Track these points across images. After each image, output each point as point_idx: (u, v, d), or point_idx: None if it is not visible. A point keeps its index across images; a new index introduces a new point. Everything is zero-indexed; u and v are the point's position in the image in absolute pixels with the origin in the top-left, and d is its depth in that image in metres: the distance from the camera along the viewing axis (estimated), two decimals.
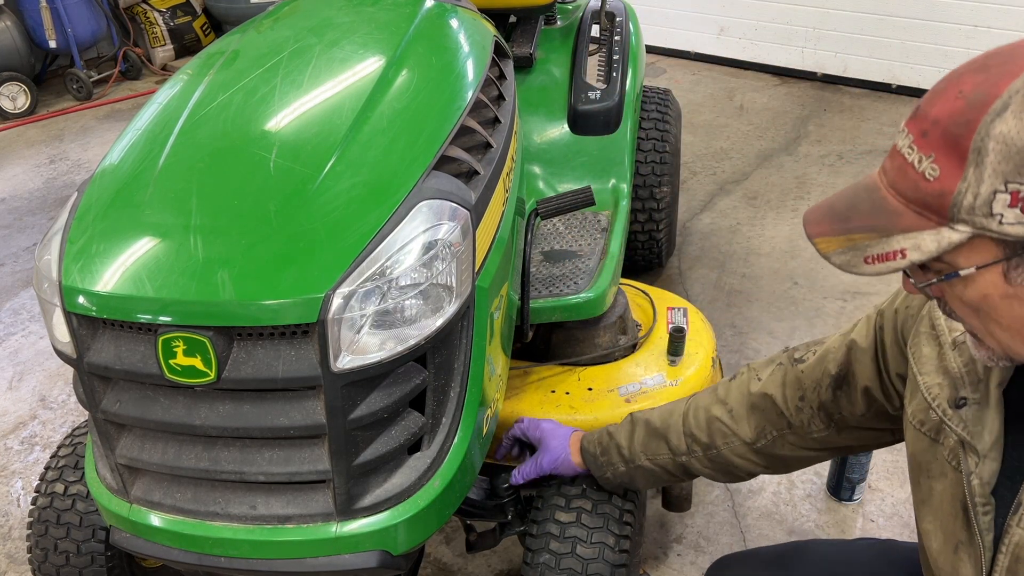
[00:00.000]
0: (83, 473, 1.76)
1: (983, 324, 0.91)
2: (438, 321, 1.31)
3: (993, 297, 0.85)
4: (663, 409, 1.55)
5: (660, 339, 2.30)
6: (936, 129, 0.82)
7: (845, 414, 1.33)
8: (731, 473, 1.48)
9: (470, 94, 1.64)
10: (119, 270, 1.27)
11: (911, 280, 0.92)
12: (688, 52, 5.62)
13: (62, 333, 1.33)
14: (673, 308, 2.44)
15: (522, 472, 1.66)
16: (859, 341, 1.28)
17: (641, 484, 1.60)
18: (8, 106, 5.30)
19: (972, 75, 0.83)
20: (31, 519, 1.77)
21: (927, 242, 0.83)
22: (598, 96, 2.63)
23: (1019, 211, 0.77)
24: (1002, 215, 0.78)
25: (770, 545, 1.56)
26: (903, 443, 1.25)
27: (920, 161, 0.83)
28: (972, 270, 0.84)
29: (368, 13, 1.91)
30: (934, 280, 0.88)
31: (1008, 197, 0.77)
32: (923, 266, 0.88)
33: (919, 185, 0.83)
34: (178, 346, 1.23)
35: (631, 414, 1.59)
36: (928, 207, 0.83)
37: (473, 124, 1.62)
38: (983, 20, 4.48)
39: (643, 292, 2.51)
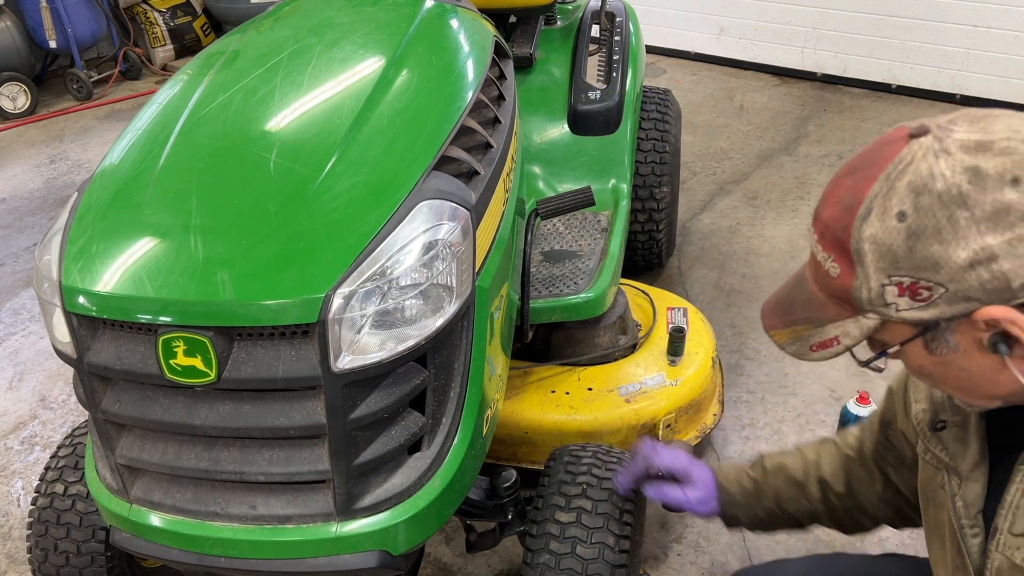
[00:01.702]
0: (83, 473, 1.76)
1: (936, 384, 0.98)
2: (438, 321, 1.31)
3: (927, 366, 0.92)
4: (795, 457, 1.49)
5: (660, 339, 2.30)
6: (828, 232, 0.90)
7: (903, 455, 1.32)
8: (859, 524, 1.44)
9: (470, 94, 1.64)
10: (119, 270, 1.27)
11: (855, 358, 0.98)
12: (688, 52, 5.62)
13: (62, 333, 1.33)
14: (673, 308, 2.44)
15: (664, 494, 1.51)
16: (894, 385, 1.30)
17: (769, 529, 1.52)
18: (8, 106, 5.30)
19: (846, 179, 0.90)
20: (31, 519, 1.77)
21: (852, 329, 0.91)
22: (598, 96, 2.63)
23: (909, 299, 0.85)
24: (896, 304, 0.86)
25: (791, 559, 1.55)
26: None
27: (825, 260, 0.91)
28: (898, 347, 0.92)
29: (368, 13, 1.91)
30: (875, 356, 0.96)
31: (895, 288, 0.85)
32: (870, 341, 0.95)
33: (828, 281, 0.91)
34: (178, 346, 1.23)
35: (762, 457, 1.52)
36: (842, 300, 0.91)
37: (473, 124, 1.62)
38: (983, 20, 4.48)
39: (643, 292, 2.52)
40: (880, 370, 0.99)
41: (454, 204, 1.36)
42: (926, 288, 0.83)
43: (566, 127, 2.63)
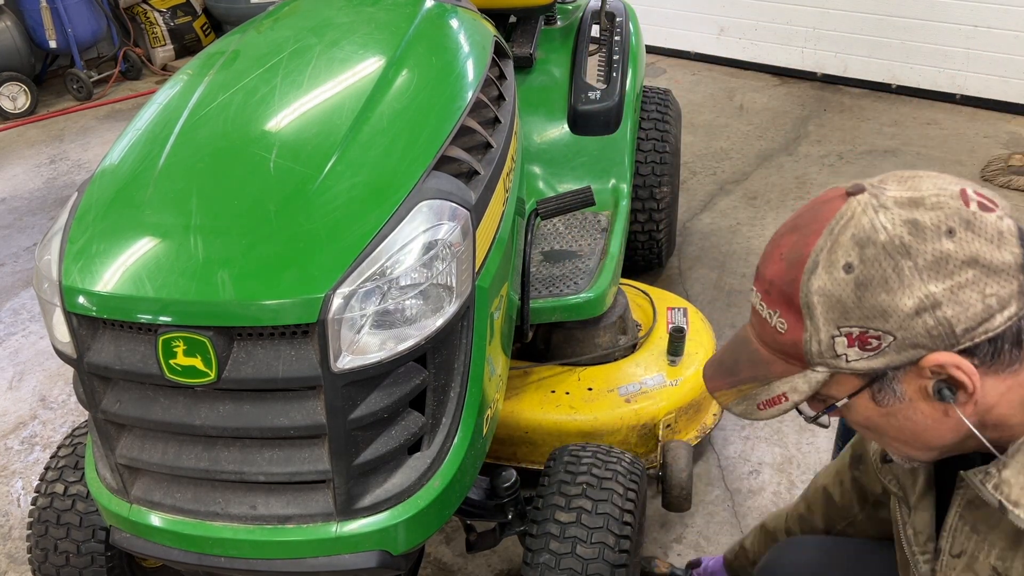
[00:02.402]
0: (83, 473, 1.76)
1: (879, 438, 1.00)
2: (438, 321, 1.31)
3: (873, 418, 0.95)
4: (776, 513, 1.67)
5: (660, 339, 2.30)
6: (773, 289, 0.93)
7: (871, 491, 1.38)
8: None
9: (470, 94, 1.64)
10: (119, 270, 1.27)
11: (801, 415, 1.01)
12: (688, 52, 5.61)
13: (62, 333, 1.33)
14: (673, 308, 2.44)
15: None
16: None
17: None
18: (8, 106, 5.29)
19: (788, 236, 0.93)
20: (31, 519, 1.77)
21: (800, 384, 0.93)
22: (598, 96, 2.62)
23: (858, 349, 0.88)
24: (846, 355, 0.89)
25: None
26: None
27: (771, 317, 0.94)
28: (845, 400, 0.94)
29: (368, 13, 1.91)
30: (822, 412, 0.98)
31: (845, 340, 0.88)
32: (815, 397, 0.97)
33: (776, 338, 0.94)
34: (178, 346, 1.23)
35: (759, 524, 1.72)
36: (790, 355, 0.93)
37: (473, 124, 1.62)
38: (983, 20, 4.47)
39: (643, 292, 2.52)
40: (826, 426, 1.01)
41: (454, 204, 1.36)
42: (875, 337, 0.86)
43: (566, 127, 2.63)
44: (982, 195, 0.88)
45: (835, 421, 2.42)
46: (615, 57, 2.75)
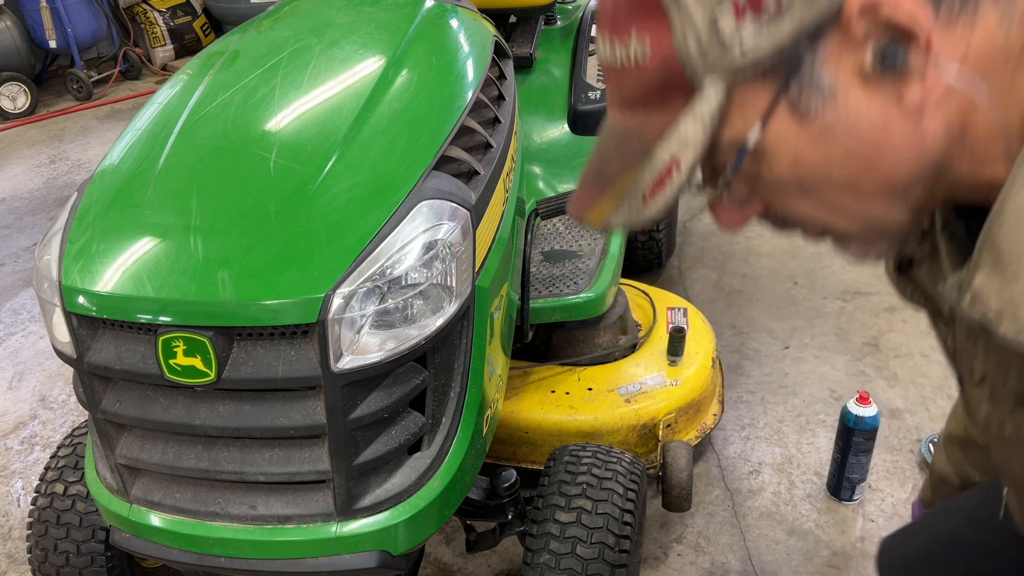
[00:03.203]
0: (83, 473, 1.76)
1: (825, 203, 0.70)
2: (438, 321, 1.31)
3: (803, 155, 0.65)
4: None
5: (660, 339, 2.30)
6: (619, 9, 0.66)
7: None
8: None
9: (470, 94, 1.64)
10: (119, 270, 1.27)
11: (709, 186, 0.72)
12: None
13: (62, 333, 1.33)
14: (673, 308, 2.44)
15: None
16: None
17: None
18: (8, 106, 5.30)
19: None
20: (31, 519, 1.77)
21: (690, 129, 0.64)
22: (598, 96, 2.63)
23: (752, 18, 0.59)
24: (740, 39, 0.60)
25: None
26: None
27: (628, 52, 0.66)
28: (758, 129, 0.64)
29: (368, 13, 1.91)
30: (731, 165, 0.68)
31: (730, 10, 0.60)
32: (713, 175, 0.70)
33: (642, 77, 0.66)
34: (178, 346, 1.23)
35: None
36: (664, 93, 0.66)
37: (473, 124, 1.62)
38: None
39: (643, 292, 2.52)
40: (740, 226, 0.73)
41: (454, 204, 1.36)
42: None
43: (566, 127, 2.63)
44: None
45: (833, 419, 2.42)
46: None
